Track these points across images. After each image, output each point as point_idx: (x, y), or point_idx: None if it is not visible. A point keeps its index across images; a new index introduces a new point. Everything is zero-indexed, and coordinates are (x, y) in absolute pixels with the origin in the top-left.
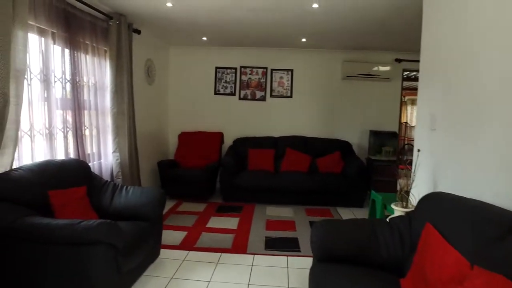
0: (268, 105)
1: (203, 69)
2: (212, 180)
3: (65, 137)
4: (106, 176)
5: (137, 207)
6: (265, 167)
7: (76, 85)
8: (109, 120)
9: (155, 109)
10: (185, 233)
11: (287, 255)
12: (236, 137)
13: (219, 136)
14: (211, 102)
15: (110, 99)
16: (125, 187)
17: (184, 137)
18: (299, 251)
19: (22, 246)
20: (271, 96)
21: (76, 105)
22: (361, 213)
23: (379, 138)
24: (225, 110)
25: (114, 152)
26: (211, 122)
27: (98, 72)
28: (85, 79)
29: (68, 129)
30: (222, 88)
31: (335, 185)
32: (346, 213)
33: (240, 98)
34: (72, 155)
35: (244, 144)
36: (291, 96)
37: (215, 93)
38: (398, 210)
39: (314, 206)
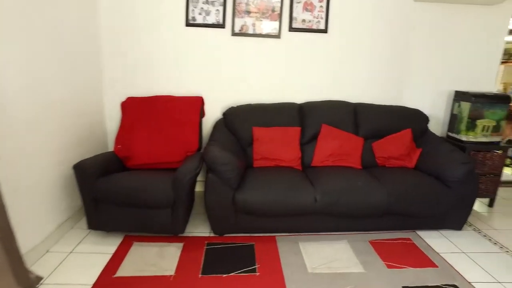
0: (285, 46)
1: None
2: (189, 193)
3: None
4: None
5: None
6: (284, 160)
7: None
8: None
9: (68, 53)
10: None
11: None
12: (228, 105)
13: (198, 103)
14: (180, 41)
15: None
16: None
17: (133, 107)
18: None
19: None
20: (291, 29)
21: None
22: (464, 243)
23: (475, 106)
24: (206, 55)
25: None
26: (181, 78)
27: None
28: None
29: None
30: (200, 14)
31: (430, 197)
32: (441, 245)
33: (234, 33)
34: None
35: (243, 118)
36: (325, 31)
37: (188, 24)
38: None
39: (381, 233)
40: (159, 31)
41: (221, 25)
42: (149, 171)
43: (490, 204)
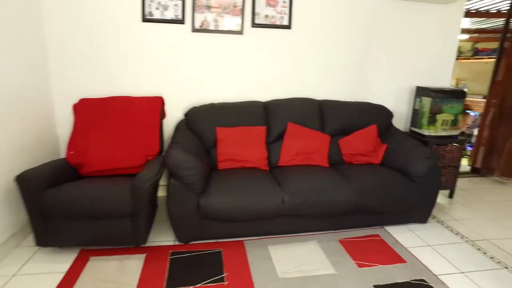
0: (248, 42)
1: None
2: (150, 200)
3: None
4: None
5: None
6: (250, 161)
7: None
8: None
9: (4, 53)
10: None
11: None
12: (190, 105)
13: (158, 104)
14: (137, 38)
15: None
16: None
17: (86, 109)
18: None
19: None
20: (254, 25)
21: None
22: (429, 235)
23: (435, 101)
24: (165, 53)
25: None
26: (139, 77)
27: None
28: None
29: None
30: (157, 9)
31: (398, 193)
32: (408, 240)
33: (194, 29)
34: None
35: (205, 118)
36: (289, 27)
37: (145, 20)
38: None
39: (350, 231)
40: (113, 27)
41: (181, 21)
42: (106, 178)
43: (450, 196)
